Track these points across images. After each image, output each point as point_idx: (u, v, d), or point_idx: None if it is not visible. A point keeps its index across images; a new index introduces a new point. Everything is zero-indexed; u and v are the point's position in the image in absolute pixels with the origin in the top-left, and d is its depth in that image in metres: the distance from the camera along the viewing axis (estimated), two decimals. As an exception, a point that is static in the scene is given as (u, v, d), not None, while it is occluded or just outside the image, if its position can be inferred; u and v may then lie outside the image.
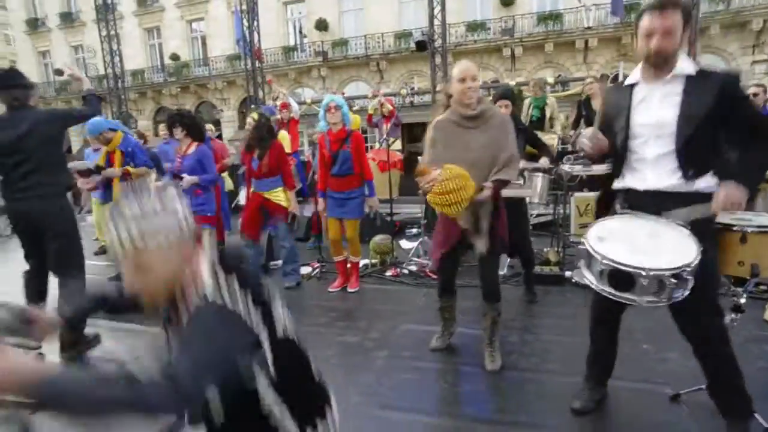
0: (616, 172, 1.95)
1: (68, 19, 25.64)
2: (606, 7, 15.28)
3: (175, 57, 23.56)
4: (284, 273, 4.31)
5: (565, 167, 4.44)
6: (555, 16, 17.90)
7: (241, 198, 5.33)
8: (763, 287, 3.27)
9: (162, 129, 6.25)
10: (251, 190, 4.18)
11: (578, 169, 3.97)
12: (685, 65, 1.74)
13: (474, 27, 18.79)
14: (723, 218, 2.04)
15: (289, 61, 21.42)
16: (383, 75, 20.35)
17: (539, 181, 4.04)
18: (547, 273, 3.92)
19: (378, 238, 4.73)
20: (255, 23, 14.36)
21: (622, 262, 1.61)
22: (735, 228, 2.01)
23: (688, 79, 1.73)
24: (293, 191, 4.20)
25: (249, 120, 4.17)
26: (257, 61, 14.54)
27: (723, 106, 1.67)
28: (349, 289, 4.06)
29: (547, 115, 6.30)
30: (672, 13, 1.67)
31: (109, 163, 4.44)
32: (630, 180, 1.90)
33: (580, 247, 1.80)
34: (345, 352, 2.96)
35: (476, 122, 2.45)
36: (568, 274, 3.92)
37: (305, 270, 4.64)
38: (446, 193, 2.21)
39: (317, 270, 4.60)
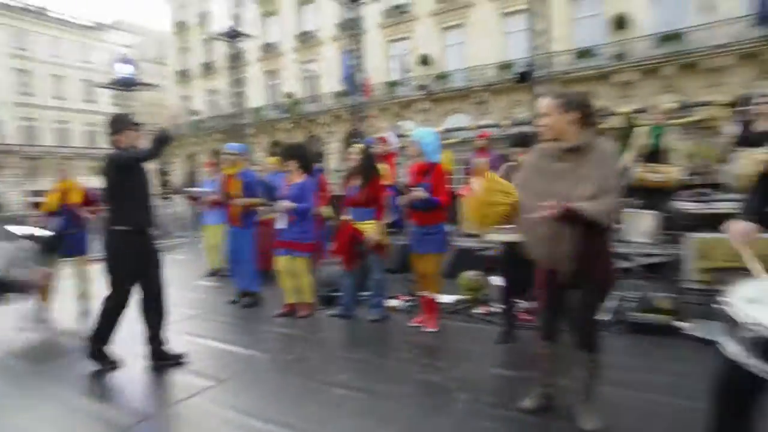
0: None
1: (207, 68, 29.76)
2: (745, 19, 13.61)
3: (289, 95, 25.90)
4: (370, 305, 4.38)
5: (679, 204, 3.99)
6: (676, 37, 16.44)
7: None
8: None
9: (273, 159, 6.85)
10: (345, 218, 4.35)
11: (694, 207, 3.53)
12: None
13: (582, 54, 17.99)
14: None
15: (392, 96, 22.28)
16: (485, 106, 20.24)
17: (647, 218, 3.66)
18: (656, 322, 3.49)
19: (469, 274, 4.61)
20: (361, 61, 15.28)
21: None
22: None
23: None
24: (382, 222, 4.27)
25: (353, 150, 4.39)
26: (363, 96, 15.40)
27: None
28: (425, 329, 3.95)
29: (665, 146, 5.68)
30: None
31: (226, 186, 5.02)
32: None
33: (720, 310, 1.50)
34: (425, 392, 2.88)
35: (570, 157, 2.22)
36: (682, 325, 3.45)
37: (393, 302, 4.67)
38: (479, 205, 2.16)
39: (406, 303, 4.60)
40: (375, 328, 4.15)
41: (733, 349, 1.42)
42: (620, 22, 17.37)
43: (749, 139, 5.12)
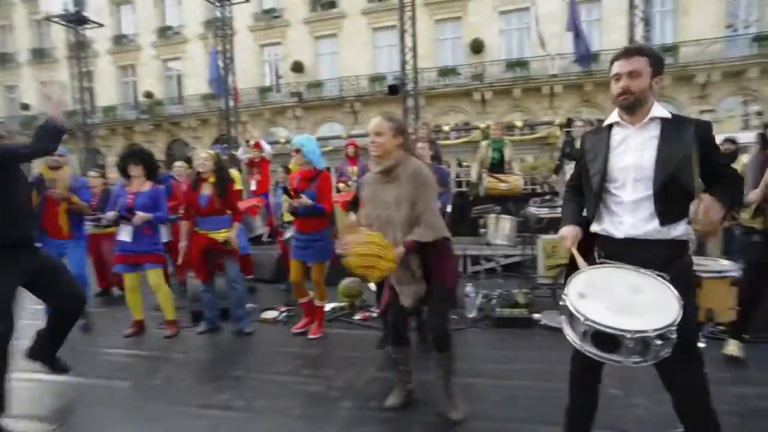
0: (592, 216, 1.92)
1: (40, 55, 25.48)
2: (569, 56, 16.17)
3: (148, 95, 23.53)
4: (236, 318, 4.14)
5: (532, 209, 4.54)
6: (522, 64, 18.81)
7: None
8: (721, 327, 3.29)
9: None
10: (195, 229, 4.09)
11: (544, 212, 4.05)
12: (659, 110, 1.79)
13: (445, 72, 19.54)
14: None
15: (265, 102, 21.64)
16: (357, 116, 20.74)
17: (507, 223, 4.09)
18: (516, 316, 3.90)
19: (347, 281, 4.64)
20: (231, 63, 14.54)
21: (605, 324, 1.53)
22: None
23: (664, 123, 1.78)
24: (237, 226, 4.13)
25: (203, 156, 4.08)
26: (232, 101, 14.64)
27: (695, 151, 1.72)
28: (310, 336, 3.92)
29: (506, 157, 6.48)
30: (636, 58, 1.75)
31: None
32: (607, 225, 1.87)
33: (561, 303, 1.72)
34: (308, 403, 2.82)
35: (389, 176, 2.41)
36: (536, 316, 3.91)
37: (271, 314, 4.49)
38: (362, 261, 2.20)
39: (283, 314, 4.46)
40: (252, 341, 3.95)
41: (572, 337, 1.66)
42: (477, 47, 19.28)
43: (572, 154, 6.30)
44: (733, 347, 3.09)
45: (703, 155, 1.72)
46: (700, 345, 2.11)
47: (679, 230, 1.75)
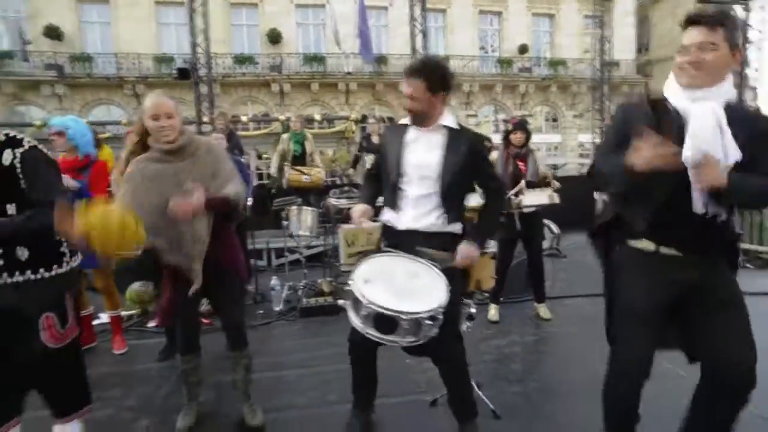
0: (389, 205, 2.09)
1: None
2: (357, 57, 17.30)
3: None
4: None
5: (332, 200, 4.75)
6: (319, 59, 19.34)
7: None
8: (486, 294, 4.06)
9: None
10: None
11: (344, 203, 4.28)
12: (448, 119, 2.01)
13: (242, 60, 18.76)
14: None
15: (5, 71, 17.24)
16: (141, 100, 18.29)
17: (309, 214, 4.19)
18: (322, 304, 4.04)
19: (136, 286, 4.08)
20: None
21: (385, 306, 1.68)
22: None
23: (450, 131, 2.00)
24: None
25: None
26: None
27: (471, 160, 1.98)
28: (116, 351, 3.43)
29: (308, 150, 6.67)
30: (413, 80, 1.93)
31: None
32: (393, 215, 2.06)
33: (346, 288, 1.84)
34: (94, 433, 2.40)
35: (182, 155, 2.18)
36: (341, 302, 4.10)
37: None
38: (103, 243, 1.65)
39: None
40: None
41: (355, 321, 1.78)
42: (274, 37, 19.03)
43: (369, 148, 6.93)
44: (493, 312, 3.90)
45: (475, 165, 2.03)
46: (472, 310, 2.56)
47: (454, 225, 2.02)
